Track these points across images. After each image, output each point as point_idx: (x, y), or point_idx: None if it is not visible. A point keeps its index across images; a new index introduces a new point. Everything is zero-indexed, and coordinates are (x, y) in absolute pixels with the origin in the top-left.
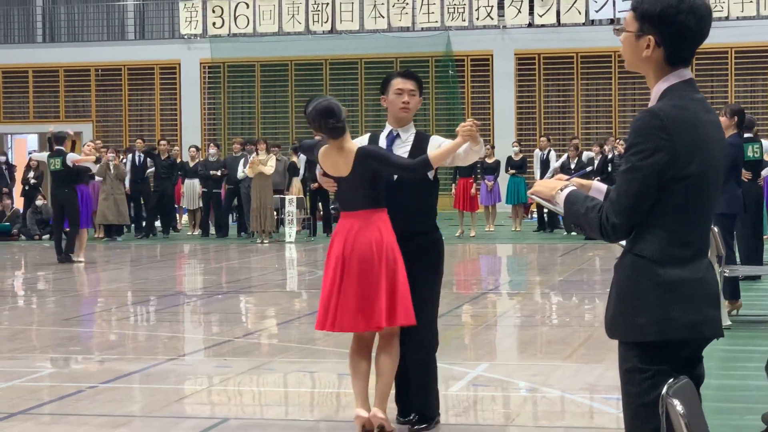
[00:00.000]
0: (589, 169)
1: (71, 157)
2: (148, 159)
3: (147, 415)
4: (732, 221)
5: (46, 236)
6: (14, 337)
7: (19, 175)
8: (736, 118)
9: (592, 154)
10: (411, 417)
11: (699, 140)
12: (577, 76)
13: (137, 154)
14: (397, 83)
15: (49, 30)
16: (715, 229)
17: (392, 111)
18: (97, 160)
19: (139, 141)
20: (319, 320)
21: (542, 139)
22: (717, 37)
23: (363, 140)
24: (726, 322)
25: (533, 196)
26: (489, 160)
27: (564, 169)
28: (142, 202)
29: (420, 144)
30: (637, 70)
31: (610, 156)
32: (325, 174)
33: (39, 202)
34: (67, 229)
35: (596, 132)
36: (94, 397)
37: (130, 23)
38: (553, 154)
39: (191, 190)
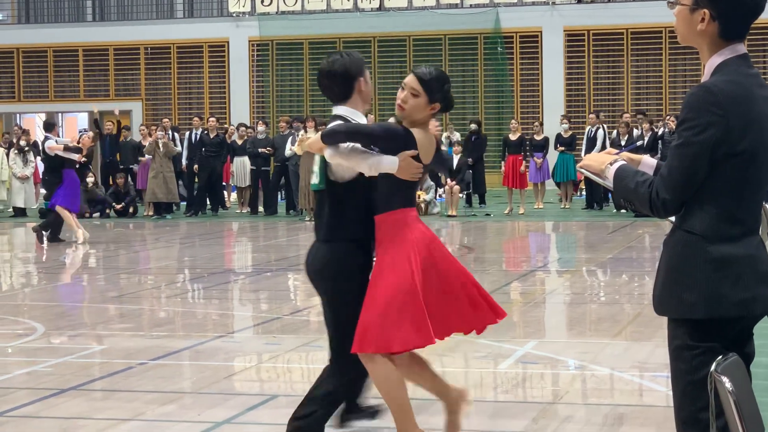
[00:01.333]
0: (639, 143)
1: (48, 144)
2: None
3: (196, 391)
4: None
5: (97, 214)
6: (65, 314)
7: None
8: None
9: (640, 131)
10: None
11: (753, 116)
12: (627, 52)
13: (193, 131)
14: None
15: (99, 9)
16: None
17: (369, 96)
18: (79, 152)
19: (196, 119)
20: (426, 334)
21: (591, 116)
22: None
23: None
24: None
25: (582, 170)
26: (538, 137)
27: (614, 144)
28: (196, 180)
29: None
30: (691, 44)
31: (660, 132)
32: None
33: (89, 179)
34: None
35: (647, 108)
36: (144, 374)
37: (179, 1)
38: (600, 132)
39: (240, 168)
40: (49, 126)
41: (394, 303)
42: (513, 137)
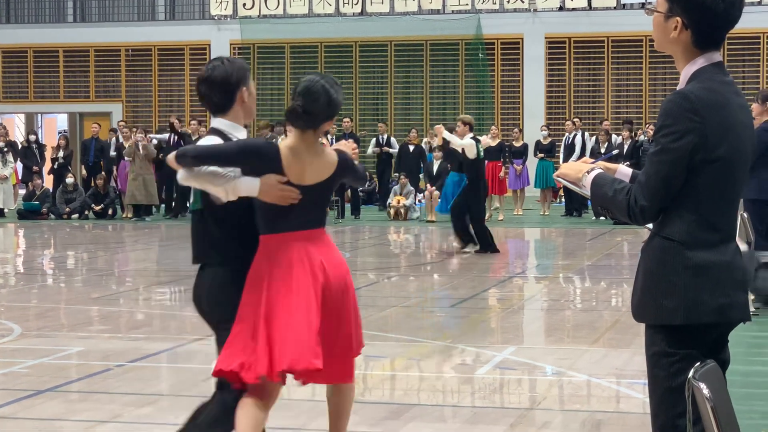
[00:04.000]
0: (616, 152)
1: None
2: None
3: (174, 394)
4: (763, 207)
5: (75, 215)
6: (43, 315)
7: (48, 155)
8: None
9: (619, 139)
10: None
11: (729, 123)
12: (608, 60)
13: (171, 134)
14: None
15: (80, 10)
16: (745, 214)
17: (252, 108)
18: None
19: (174, 120)
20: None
21: (567, 123)
22: (749, 22)
23: (213, 140)
24: (751, 308)
25: (559, 179)
26: (517, 144)
27: (594, 152)
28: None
29: None
30: (666, 51)
31: (640, 140)
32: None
33: (69, 180)
34: None
35: (626, 116)
36: (122, 376)
37: (160, 3)
38: (579, 139)
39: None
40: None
41: (236, 329)
42: (493, 143)
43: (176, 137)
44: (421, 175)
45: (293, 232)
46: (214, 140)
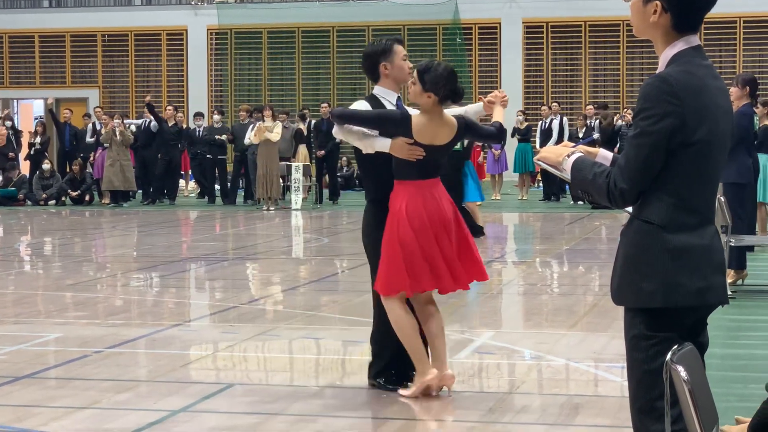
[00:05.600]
0: (596, 136)
1: None
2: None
3: (152, 380)
4: (742, 190)
5: (52, 201)
6: (20, 301)
7: (25, 141)
8: (748, 88)
9: (597, 123)
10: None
11: (706, 106)
12: (585, 44)
13: (145, 119)
14: (401, 50)
15: None
16: (722, 198)
17: (399, 77)
18: None
19: (148, 97)
20: (402, 282)
21: (543, 108)
22: (725, 6)
23: (361, 105)
24: (729, 291)
25: (540, 162)
26: None
27: (572, 137)
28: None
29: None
30: (645, 37)
31: (618, 125)
32: (414, 142)
33: (46, 166)
34: None
35: (605, 100)
36: (100, 362)
37: None
38: (556, 123)
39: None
40: None
41: (395, 253)
42: None
43: (153, 120)
44: None
45: (423, 180)
46: (362, 104)
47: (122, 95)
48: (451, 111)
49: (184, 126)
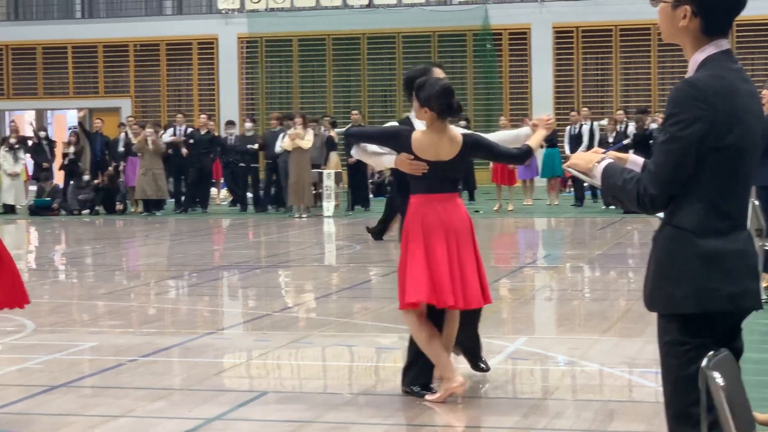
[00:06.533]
0: (626, 141)
1: None
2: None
3: (186, 388)
4: None
5: (86, 211)
6: (55, 310)
7: (59, 151)
8: None
9: (630, 127)
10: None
11: (736, 110)
12: (616, 49)
13: (177, 128)
14: (439, 72)
15: (88, 5)
16: (756, 202)
17: None
18: None
19: (179, 116)
20: (420, 291)
21: (573, 113)
22: (756, 9)
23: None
24: (763, 296)
25: (569, 169)
26: None
27: (602, 142)
28: (183, 177)
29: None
30: (674, 41)
31: (649, 129)
32: (416, 157)
33: (86, 177)
34: None
35: (636, 105)
36: (134, 371)
37: None
38: (586, 128)
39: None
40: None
41: (405, 267)
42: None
43: (183, 131)
44: None
45: (432, 194)
46: (393, 123)
47: (154, 104)
48: (502, 134)
49: (216, 134)
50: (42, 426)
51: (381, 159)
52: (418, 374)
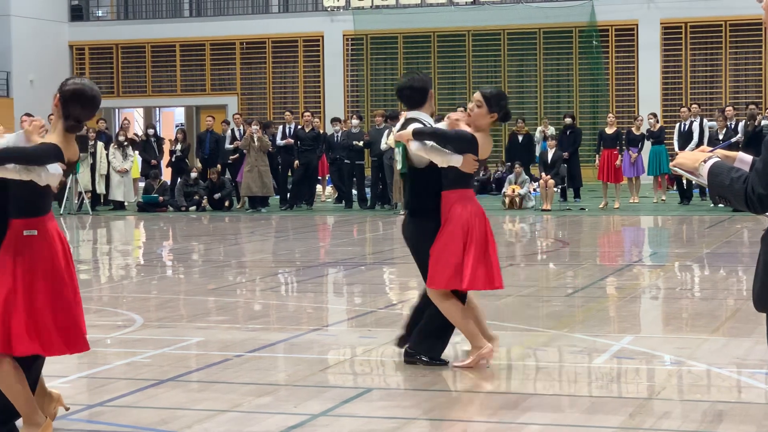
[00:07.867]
0: (734, 139)
1: None
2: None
3: (292, 384)
4: None
5: (193, 207)
6: (163, 305)
7: (166, 148)
8: None
9: (740, 125)
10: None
11: None
12: (726, 44)
13: (286, 126)
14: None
15: (196, 4)
16: None
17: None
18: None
19: (288, 114)
20: (476, 280)
21: (683, 110)
22: (750, 8)
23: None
24: None
25: (676, 168)
26: (636, 132)
27: (711, 140)
28: (289, 174)
29: None
30: None
31: (760, 126)
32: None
33: (193, 174)
34: None
35: (745, 102)
36: (240, 366)
37: None
38: (696, 126)
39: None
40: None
41: (444, 253)
42: (609, 131)
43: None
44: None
45: (467, 189)
46: (417, 123)
47: (260, 101)
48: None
49: (321, 131)
50: (151, 419)
51: (450, 157)
52: (432, 347)
